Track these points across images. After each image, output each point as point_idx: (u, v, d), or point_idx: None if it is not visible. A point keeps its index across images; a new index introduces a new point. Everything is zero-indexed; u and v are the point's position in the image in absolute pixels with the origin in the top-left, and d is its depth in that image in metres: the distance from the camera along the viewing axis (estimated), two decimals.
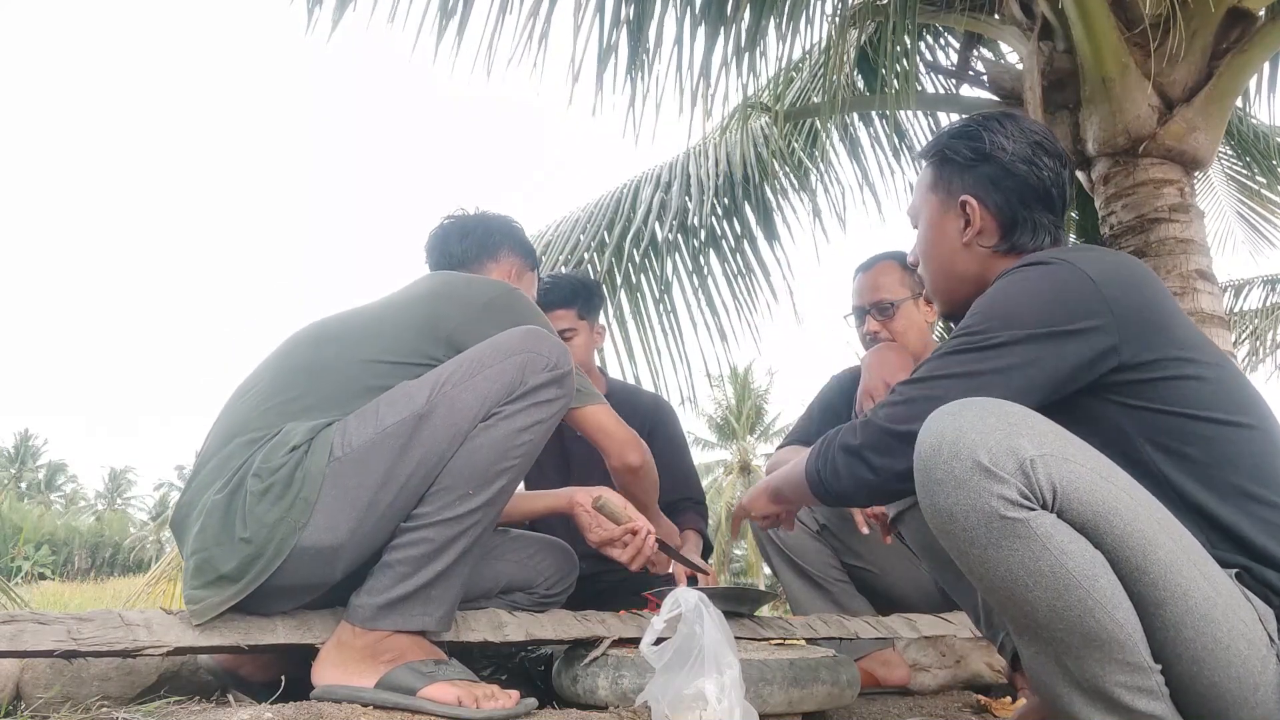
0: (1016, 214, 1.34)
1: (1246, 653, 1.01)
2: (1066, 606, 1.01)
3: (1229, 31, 3.26)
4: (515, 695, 1.33)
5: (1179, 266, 3.15)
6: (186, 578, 1.34)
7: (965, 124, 1.42)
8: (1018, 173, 1.34)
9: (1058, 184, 1.35)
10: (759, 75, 3.80)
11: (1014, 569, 1.02)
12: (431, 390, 1.37)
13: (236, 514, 1.31)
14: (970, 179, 1.38)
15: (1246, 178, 5.94)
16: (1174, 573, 1.01)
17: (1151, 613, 1.02)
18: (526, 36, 3.41)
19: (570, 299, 2.40)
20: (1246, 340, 8.30)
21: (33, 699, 1.34)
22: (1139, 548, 1.01)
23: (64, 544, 26.21)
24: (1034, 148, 1.35)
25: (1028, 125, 1.38)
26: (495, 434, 1.36)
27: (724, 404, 33.98)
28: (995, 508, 1.01)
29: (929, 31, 4.52)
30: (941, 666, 2.08)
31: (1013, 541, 1.01)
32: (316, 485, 1.31)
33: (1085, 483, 1.02)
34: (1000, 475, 1.01)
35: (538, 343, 1.43)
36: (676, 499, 2.44)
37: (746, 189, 4.57)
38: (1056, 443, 1.04)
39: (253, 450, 1.36)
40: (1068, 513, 1.02)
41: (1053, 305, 1.17)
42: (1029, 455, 1.01)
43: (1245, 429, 1.16)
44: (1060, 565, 1.00)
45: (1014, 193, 1.35)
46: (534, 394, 1.39)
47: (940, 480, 1.05)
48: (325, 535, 1.30)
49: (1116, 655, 1.01)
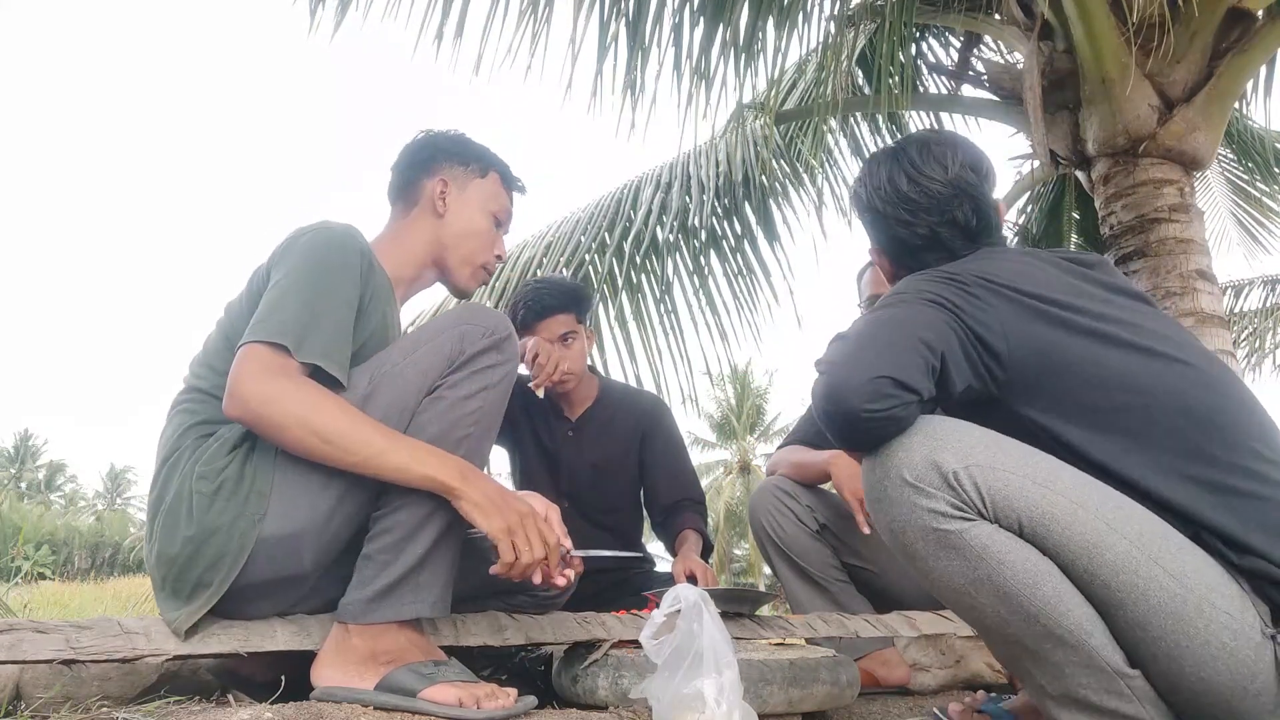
0: (910, 266, 1.35)
1: (1232, 644, 1.00)
2: (1010, 612, 1.02)
3: (1229, 31, 3.26)
4: (514, 693, 1.33)
5: (1179, 266, 3.15)
6: (156, 592, 1.34)
7: (861, 170, 1.42)
8: (898, 235, 1.35)
9: (949, 224, 1.31)
10: (758, 75, 3.80)
11: (955, 579, 1.04)
12: (372, 373, 1.37)
13: (191, 518, 1.30)
14: (870, 232, 1.42)
15: (1246, 183, 5.94)
16: (1127, 573, 1.01)
17: (1113, 614, 1.02)
18: (525, 34, 3.41)
19: (570, 304, 2.42)
20: (1246, 340, 8.30)
21: (33, 699, 1.34)
22: (1083, 551, 1.01)
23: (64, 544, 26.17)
24: (908, 204, 1.32)
25: (905, 173, 1.33)
26: (441, 405, 1.36)
27: (724, 403, 33.97)
28: (928, 522, 1.04)
29: (929, 31, 4.52)
30: (941, 666, 2.08)
31: (949, 553, 1.03)
32: (269, 477, 1.32)
33: (1016, 490, 1.02)
34: (925, 490, 1.03)
35: (474, 315, 1.42)
36: (676, 500, 2.44)
37: (747, 189, 4.57)
38: (984, 453, 1.05)
39: (194, 451, 1.36)
40: (1004, 520, 1.02)
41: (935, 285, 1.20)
42: (952, 467, 1.03)
43: (1159, 398, 1.14)
44: (997, 574, 1.01)
45: (902, 251, 1.37)
46: (474, 361, 1.38)
47: (878, 499, 1.09)
48: (284, 523, 1.31)
49: (1074, 658, 1.02)
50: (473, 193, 1.68)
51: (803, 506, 2.17)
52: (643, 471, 2.49)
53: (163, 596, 1.33)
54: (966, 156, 1.33)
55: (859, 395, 1.04)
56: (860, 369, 1.06)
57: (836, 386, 1.07)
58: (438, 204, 1.64)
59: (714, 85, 3.56)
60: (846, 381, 1.06)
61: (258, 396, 1.27)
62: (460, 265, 1.67)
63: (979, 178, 1.33)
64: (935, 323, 1.13)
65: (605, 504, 2.45)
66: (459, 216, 1.65)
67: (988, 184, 1.34)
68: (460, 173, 1.67)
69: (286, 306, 1.34)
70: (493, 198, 1.70)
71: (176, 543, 1.30)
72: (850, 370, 1.07)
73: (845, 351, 1.11)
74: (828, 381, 1.09)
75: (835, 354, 1.12)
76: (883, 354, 1.08)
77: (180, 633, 1.29)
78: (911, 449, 1.06)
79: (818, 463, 2.18)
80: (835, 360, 1.10)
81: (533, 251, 4.56)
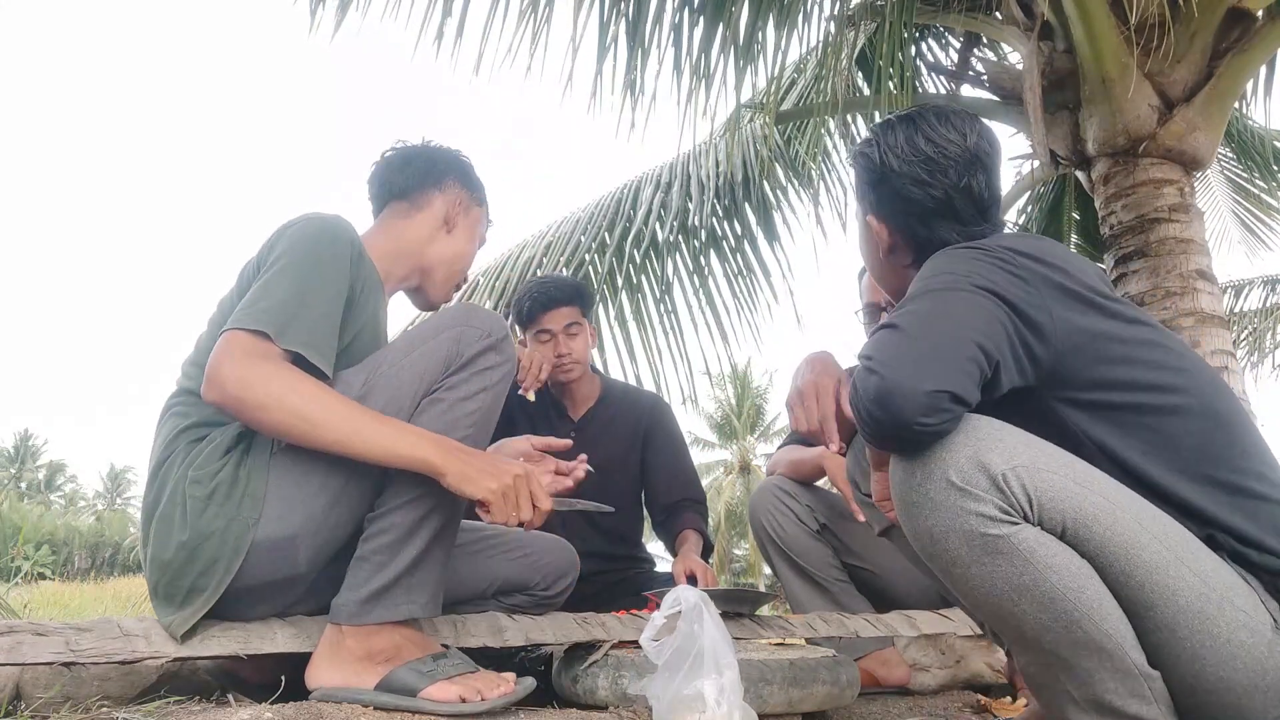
0: (917, 234, 1.31)
1: (1250, 642, 1.00)
2: (1053, 619, 1.00)
3: (1229, 31, 3.26)
4: (512, 677, 1.34)
5: (1179, 266, 3.14)
6: (152, 596, 1.34)
7: (869, 135, 1.37)
8: (911, 195, 1.29)
9: (964, 190, 1.28)
10: (758, 75, 3.80)
11: (999, 585, 1.01)
12: (368, 375, 1.36)
13: (185, 523, 1.29)
14: (873, 198, 1.35)
15: (1245, 180, 5.94)
16: (1160, 573, 1.00)
17: (1142, 616, 1.01)
18: (525, 34, 3.41)
19: (574, 297, 2.48)
20: (1246, 340, 8.30)
21: (33, 699, 1.34)
22: (1121, 552, 1.00)
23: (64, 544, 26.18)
24: (926, 164, 1.28)
25: (924, 134, 1.30)
26: (440, 407, 1.36)
27: (724, 403, 33.97)
28: (975, 526, 1.00)
29: (929, 31, 4.51)
30: (941, 666, 2.08)
31: (995, 558, 1.00)
32: (263, 480, 1.31)
33: (1061, 491, 1.00)
34: (974, 493, 1.00)
35: (470, 316, 1.42)
36: (676, 499, 2.44)
37: (747, 189, 4.57)
38: (1027, 453, 1.02)
39: (186, 454, 1.35)
40: (1048, 523, 1.00)
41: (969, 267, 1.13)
42: (1000, 469, 1.00)
43: (1185, 398, 1.12)
44: (1044, 579, 0.99)
45: (912, 215, 1.30)
46: (473, 363, 1.38)
47: (917, 503, 1.04)
48: (279, 526, 1.30)
49: (1106, 664, 1.01)
50: (472, 219, 1.72)
51: (803, 506, 2.18)
52: (644, 471, 2.49)
53: (158, 601, 1.33)
54: (983, 129, 1.31)
55: (916, 408, 0.98)
56: (919, 378, 0.99)
57: (891, 394, 0.99)
58: (450, 221, 1.67)
59: (714, 85, 3.57)
60: (903, 391, 0.99)
61: (235, 379, 1.24)
62: (445, 282, 1.70)
63: (993, 151, 1.31)
64: (991, 321, 1.07)
65: (608, 504, 2.45)
66: (460, 238, 1.69)
67: (999, 160, 1.32)
68: (466, 197, 1.71)
69: (272, 294, 1.33)
70: (480, 228, 1.76)
71: (170, 548, 1.29)
72: (908, 378, 0.99)
73: (900, 352, 1.02)
74: (881, 386, 1.00)
75: (888, 351, 1.03)
76: (941, 362, 1.01)
77: (177, 636, 1.29)
78: (956, 450, 1.01)
79: (812, 458, 2.18)
80: (889, 361, 1.02)
81: (533, 251, 4.56)
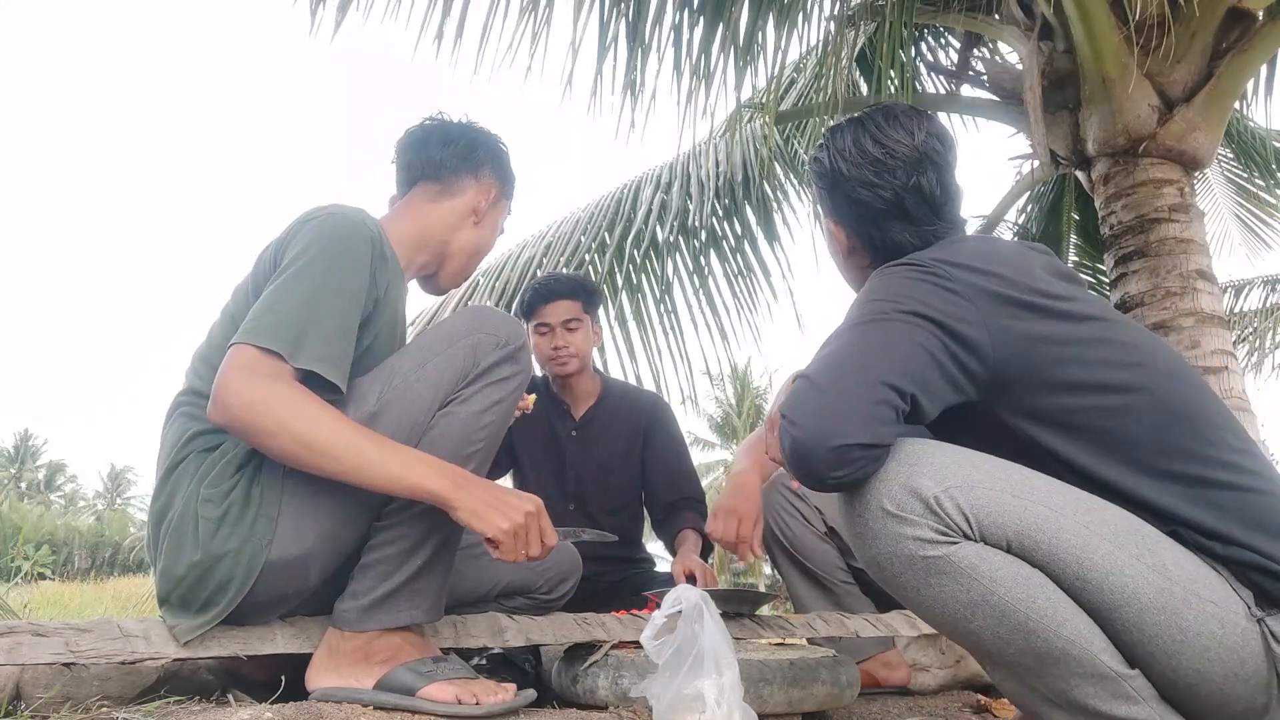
0: (872, 236, 1.31)
1: (1220, 632, 1.00)
2: (1010, 631, 1.01)
3: (1229, 31, 3.26)
4: (512, 688, 1.33)
5: (1179, 266, 3.14)
6: (162, 604, 1.32)
7: (821, 140, 1.36)
8: (861, 198, 1.28)
9: (914, 189, 1.26)
10: (758, 75, 3.80)
11: (949, 604, 1.02)
12: (382, 387, 1.33)
13: (197, 543, 1.26)
14: (829, 203, 1.35)
15: (1245, 180, 5.94)
16: (1116, 574, 1.00)
17: (1109, 618, 1.01)
18: (525, 34, 3.41)
19: (575, 291, 2.47)
20: (1246, 340, 8.30)
21: (33, 699, 1.34)
22: (1071, 558, 1.00)
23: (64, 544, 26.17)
24: (874, 165, 1.27)
25: (871, 136, 1.29)
26: (455, 420, 1.34)
27: (724, 403, 33.96)
28: (913, 550, 1.02)
29: (929, 31, 4.52)
30: (941, 666, 2.08)
31: (940, 579, 1.01)
32: (276, 498, 1.28)
33: (999, 505, 1.01)
34: (908, 518, 1.01)
35: (485, 322, 1.38)
36: (676, 499, 2.44)
37: (747, 189, 4.57)
38: (960, 472, 1.03)
39: (198, 466, 1.31)
40: (991, 538, 1.01)
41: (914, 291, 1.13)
42: (932, 492, 1.01)
43: (1137, 394, 1.11)
44: (991, 593, 1.00)
45: (864, 218, 1.30)
46: (489, 374, 1.36)
47: (860, 534, 1.06)
48: (292, 546, 1.28)
49: (1077, 670, 1.01)
50: (498, 212, 1.64)
51: (810, 507, 2.17)
52: (644, 470, 2.49)
53: (167, 609, 1.31)
54: (932, 127, 1.30)
55: (826, 464, 1.01)
56: (825, 434, 1.00)
57: (802, 454, 1.02)
58: (479, 212, 1.58)
59: (713, 85, 3.57)
60: (811, 448, 1.01)
61: (242, 402, 1.20)
62: (459, 271, 1.62)
63: (944, 148, 1.29)
64: (911, 352, 1.07)
65: (610, 503, 2.46)
66: (484, 230, 1.61)
67: (952, 156, 1.30)
68: (498, 190, 1.62)
69: (285, 303, 1.27)
70: (503, 220, 1.67)
71: (182, 565, 1.27)
72: (815, 434, 1.01)
73: (809, 408, 1.03)
74: (794, 446, 1.03)
75: (799, 408, 1.04)
76: (845, 414, 1.02)
77: (180, 640, 1.28)
78: (888, 479, 1.03)
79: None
80: (799, 420, 1.03)
81: (533, 251, 4.57)
